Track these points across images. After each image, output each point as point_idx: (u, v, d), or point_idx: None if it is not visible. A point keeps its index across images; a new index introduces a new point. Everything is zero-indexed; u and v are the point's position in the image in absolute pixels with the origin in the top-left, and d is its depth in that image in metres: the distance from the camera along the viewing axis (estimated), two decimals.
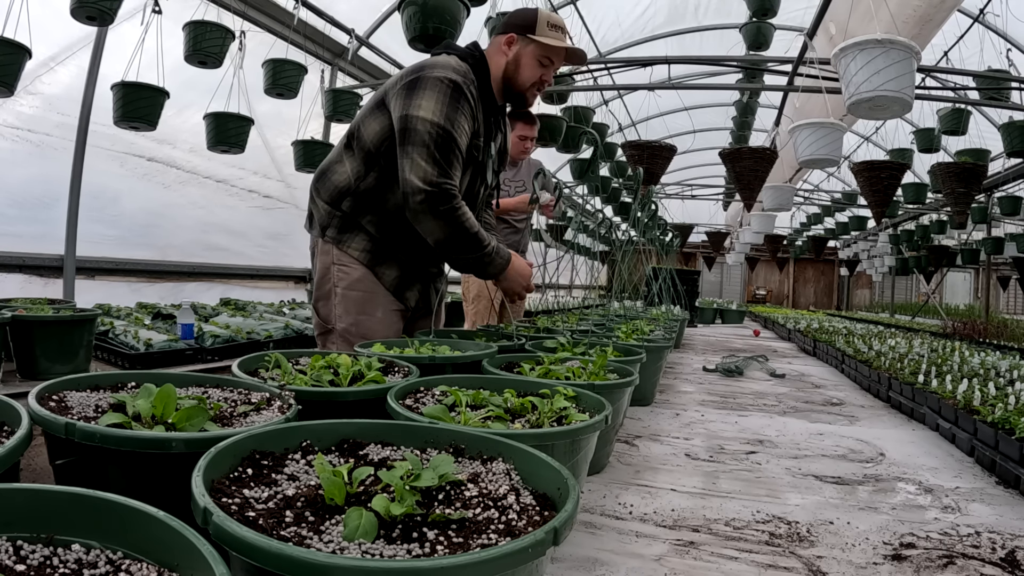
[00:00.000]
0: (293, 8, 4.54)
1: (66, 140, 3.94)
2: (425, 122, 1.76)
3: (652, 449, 1.87)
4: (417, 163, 1.76)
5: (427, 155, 1.75)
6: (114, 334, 3.33)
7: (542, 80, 2.03)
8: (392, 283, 2.08)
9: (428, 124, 1.76)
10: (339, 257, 2.02)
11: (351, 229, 2.02)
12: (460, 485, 0.74)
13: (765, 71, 5.69)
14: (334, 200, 2.01)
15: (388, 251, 2.05)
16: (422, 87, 1.78)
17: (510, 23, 2.01)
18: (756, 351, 5.03)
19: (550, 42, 1.97)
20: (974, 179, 5.19)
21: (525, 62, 1.99)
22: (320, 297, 2.08)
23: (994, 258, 10.89)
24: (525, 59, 1.98)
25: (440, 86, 1.79)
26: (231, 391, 1.09)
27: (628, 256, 3.55)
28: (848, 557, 1.17)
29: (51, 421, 0.78)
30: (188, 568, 0.51)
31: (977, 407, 1.95)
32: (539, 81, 2.03)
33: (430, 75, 1.80)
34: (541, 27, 1.98)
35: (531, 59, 1.99)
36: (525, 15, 2.00)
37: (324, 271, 2.05)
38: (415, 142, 1.76)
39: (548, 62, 2.01)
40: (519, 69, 1.99)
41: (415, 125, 1.76)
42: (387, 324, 2.07)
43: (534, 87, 2.04)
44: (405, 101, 1.80)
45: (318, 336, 2.13)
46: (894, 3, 3.98)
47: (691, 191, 12.69)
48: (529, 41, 1.97)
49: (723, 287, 21.20)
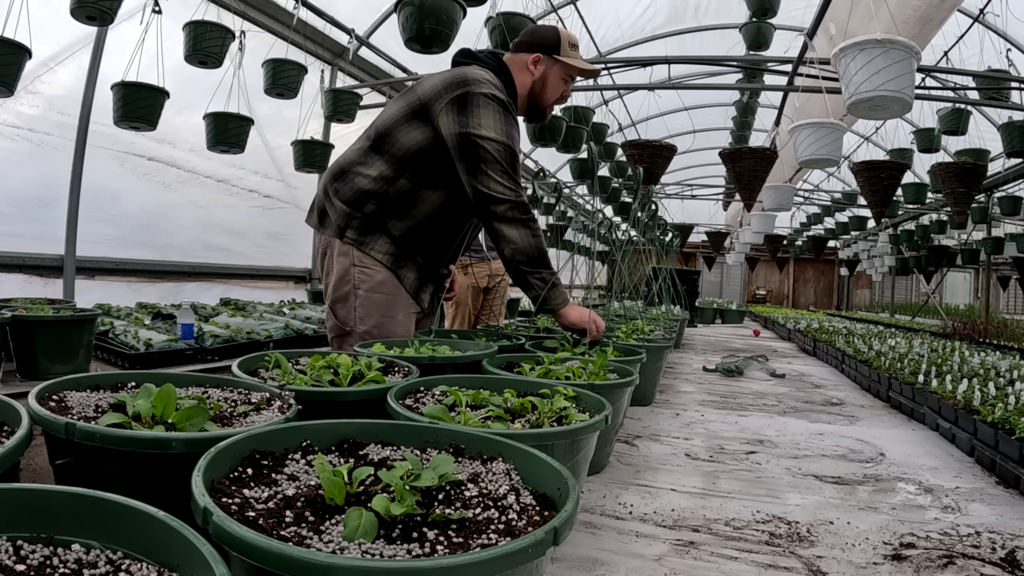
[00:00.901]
0: (293, 8, 4.54)
1: (66, 140, 3.94)
2: (492, 142, 1.84)
3: (652, 449, 1.87)
4: (495, 179, 1.84)
5: (501, 171, 1.85)
6: (114, 334, 3.33)
7: (563, 96, 2.15)
8: (412, 285, 2.10)
9: (495, 144, 1.84)
10: (360, 259, 2.01)
11: (373, 231, 2.01)
12: (460, 485, 0.74)
13: (765, 71, 5.70)
14: (355, 202, 2.00)
15: (409, 254, 2.07)
16: (475, 104, 1.84)
17: (535, 43, 2.08)
18: (756, 351, 5.03)
19: (574, 63, 2.07)
20: (974, 179, 5.19)
21: (552, 82, 2.09)
22: (338, 299, 2.06)
23: (994, 258, 10.90)
24: (552, 79, 2.08)
25: (492, 104, 1.86)
26: (231, 391, 1.09)
27: (628, 256, 3.55)
28: (848, 557, 1.17)
29: (51, 421, 0.78)
30: (188, 568, 0.51)
31: (977, 407, 1.95)
32: (560, 98, 2.15)
33: (479, 91, 1.85)
34: (564, 47, 2.07)
35: (557, 79, 2.09)
36: (547, 35, 2.08)
37: (343, 273, 2.03)
38: (487, 160, 1.83)
39: (570, 80, 2.13)
40: (545, 88, 2.09)
41: (483, 144, 1.83)
42: (406, 326, 2.09)
43: (554, 103, 2.16)
44: (461, 119, 1.84)
45: (334, 339, 2.11)
46: (894, 3, 3.98)
47: (691, 191, 12.69)
48: (555, 61, 2.07)
49: (723, 287, 21.20)
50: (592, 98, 6.30)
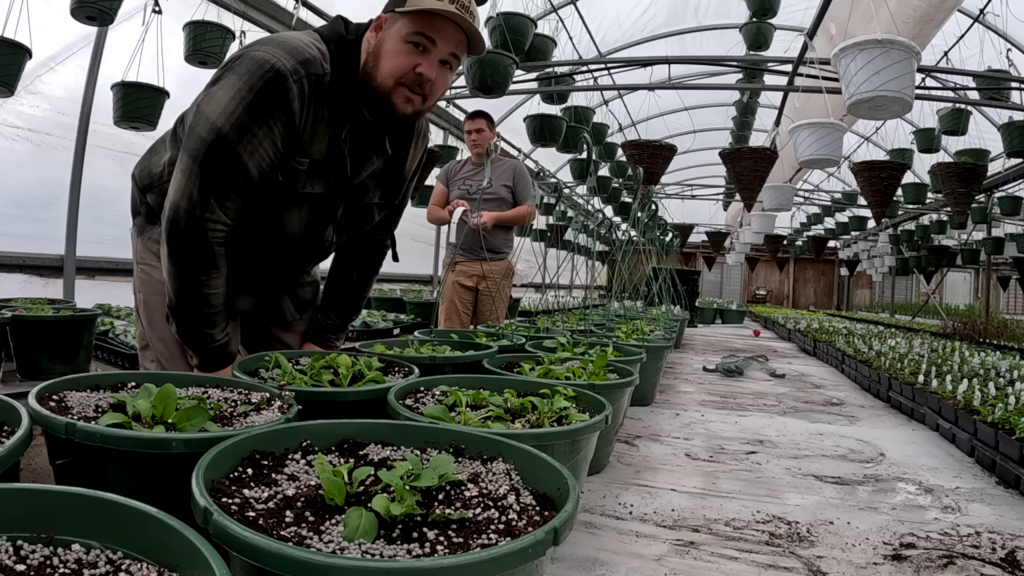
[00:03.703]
0: (293, 8, 4.54)
1: (66, 140, 3.94)
2: (206, 124, 1.24)
3: (652, 449, 1.87)
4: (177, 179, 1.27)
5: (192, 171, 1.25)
6: (114, 334, 3.33)
7: (416, 72, 1.30)
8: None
9: (207, 127, 1.24)
10: (142, 253, 1.54)
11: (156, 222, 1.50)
12: (460, 485, 0.74)
13: (765, 71, 5.69)
14: (144, 187, 1.54)
15: None
16: (232, 71, 1.25)
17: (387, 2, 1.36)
18: (756, 351, 5.03)
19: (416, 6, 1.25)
20: (974, 179, 5.19)
21: (387, 48, 1.30)
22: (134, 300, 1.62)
23: (994, 258, 10.89)
24: (387, 43, 1.30)
25: (249, 74, 1.23)
26: (231, 391, 1.09)
27: (628, 256, 3.55)
28: (848, 557, 1.16)
29: (51, 421, 0.78)
30: (188, 568, 0.51)
31: (977, 407, 1.95)
32: (411, 75, 1.30)
33: (251, 55, 1.25)
34: None
35: (396, 41, 1.29)
36: None
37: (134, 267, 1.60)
38: (187, 149, 1.26)
39: (425, 42, 1.28)
40: (378, 60, 1.31)
41: (195, 125, 1.26)
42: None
43: (400, 85, 1.31)
44: (207, 87, 1.28)
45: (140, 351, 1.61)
46: (894, 3, 3.98)
47: (691, 191, 12.69)
48: (397, 17, 1.29)
49: (723, 287, 21.19)
50: (592, 98, 6.30)
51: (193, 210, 1.25)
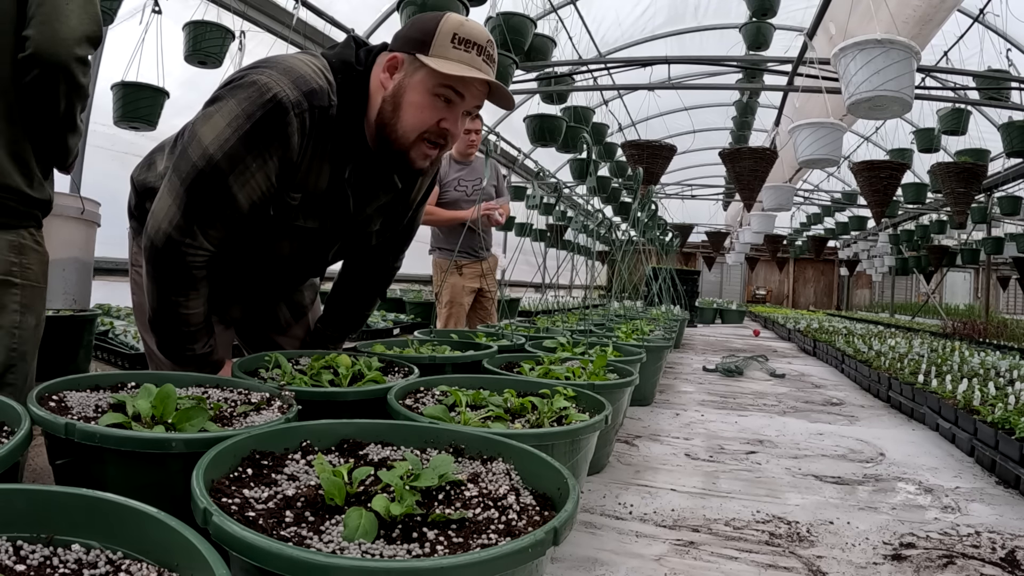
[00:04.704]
0: (293, 8, 4.54)
1: None
2: (198, 148, 1.18)
3: (652, 449, 1.87)
4: (163, 198, 1.21)
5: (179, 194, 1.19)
6: (114, 334, 3.33)
7: (440, 126, 1.26)
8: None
9: (199, 152, 1.17)
10: (137, 256, 1.48)
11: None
12: (460, 485, 0.74)
13: (765, 71, 5.70)
14: (141, 194, 1.50)
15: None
16: (232, 94, 1.19)
17: (401, 37, 1.29)
18: (756, 351, 5.03)
19: (449, 69, 1.19)
20: (974, 179, 5.19)
21: (411, 99, 1.24)
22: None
23: (994, 258, 10.89)
24: (410, 94, 1.24)
25: (249, 101, 1.16)
26: (231, 391, 1.09)
27: (628, 256, 3.55)
28: (848, 557, 1.17)
29: (51, 421, 0.78)
30: (188, 568, 0.51)
31: (977, 407, 1.96)
32: (435, 128, 1.26)
33: (253, 78, 1.18)
34: (442, 42, 1.21)
35: (420, 94, 1.24)
36: (423, 24, 1.25)
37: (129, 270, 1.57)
38: (177, 169, 1.20)
39: (454, 96, 1.25)
40: (398, 111, 1.25)
41: (188, 146, 1.20)
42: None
43: (422, 141, 1.27)
44: (204, 108, 1.23)
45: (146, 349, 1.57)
46: (894, 3, 3.98)
47: (691, 191, 12.70)
48: (419, 65, 1.23)
49: (723, 287, 21.20)
50: (592, 98, 6.30)
51: (173, 234, 1.20)
